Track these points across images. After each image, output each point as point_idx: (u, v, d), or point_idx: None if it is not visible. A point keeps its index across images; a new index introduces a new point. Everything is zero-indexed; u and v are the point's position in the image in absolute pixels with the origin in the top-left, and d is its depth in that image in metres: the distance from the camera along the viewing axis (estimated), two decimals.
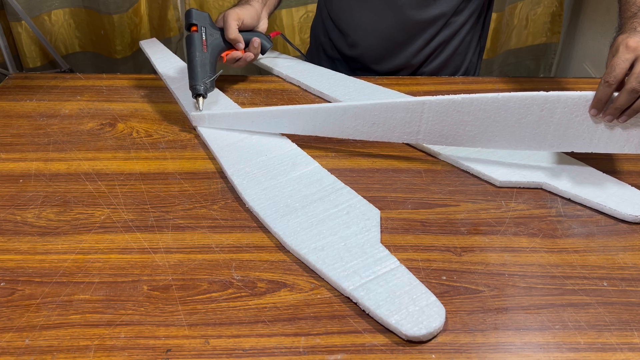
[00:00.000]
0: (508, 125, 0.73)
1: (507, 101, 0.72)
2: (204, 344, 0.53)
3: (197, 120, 0.85)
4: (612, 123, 0.70)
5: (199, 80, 0.82)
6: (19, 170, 0.77)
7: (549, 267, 0.62)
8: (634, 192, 0.72)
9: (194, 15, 0.87)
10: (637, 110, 0.67)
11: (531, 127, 0.73)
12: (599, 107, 0.69)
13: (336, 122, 0.79)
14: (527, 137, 0.74)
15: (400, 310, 0.55)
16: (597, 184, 0.73)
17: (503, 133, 0.74)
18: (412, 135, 0.77)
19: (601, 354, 0.53)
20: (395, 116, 0.76)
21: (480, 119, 0.73)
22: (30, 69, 1.86)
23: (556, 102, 0.70)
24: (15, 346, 0.53)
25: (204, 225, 0.67)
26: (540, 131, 0.73)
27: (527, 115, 0.72)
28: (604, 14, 1.77)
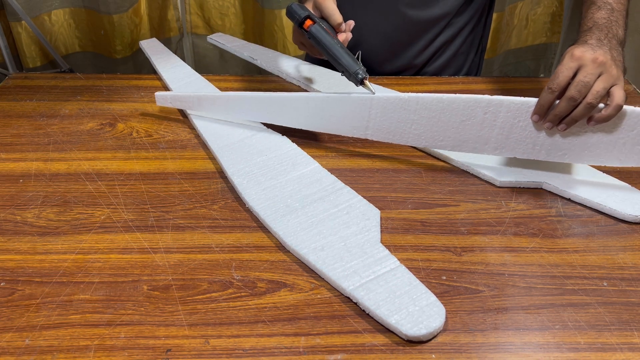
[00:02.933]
0: (452, 126, 0.74)
1: (452, 102, 0.73)
2: (204, 344, 0.53)
3: (160, 100, 0.88)
4: (552, 131, 0.70)
5: (358, 65, 0.76)
6: (19, 170, 0.77)
7: (549, 267, 0.62)
8: (634, 192, 0.72)
9: (300, 8, 0.81)
10: (575, 119, 0.68)
11: (475, 130, 0.73)
12: (540, 113, 0.69)
13: (289, 111, 0.81)
14: (471, 139, 0.74)
15: (401, 310, 0.55)
16: (597, 184, 0.73)
17: (447, 133, 0.75)
18: (361, 130, 0.78)
19: (601, 354, 0.53)
20: (345, 109, 0.77)
21: (425, 118, 0.75)
22: (30, 69, 1.86)
23: (499, 106, 0.71)
24: (15, 346, 0.53)
25: (204, 225, 0.67)
26: (484, 134, 0.73)
27: (471, 117, 0.73)
28: None
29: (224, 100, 0.84)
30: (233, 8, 1.88)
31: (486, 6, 1.07)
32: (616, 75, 0.68)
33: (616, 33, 0.74)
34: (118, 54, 1.91)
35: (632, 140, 0.69)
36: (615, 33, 0.74)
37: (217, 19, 1.87)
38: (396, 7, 0.99)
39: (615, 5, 0.77)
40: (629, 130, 0.68)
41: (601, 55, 0.67)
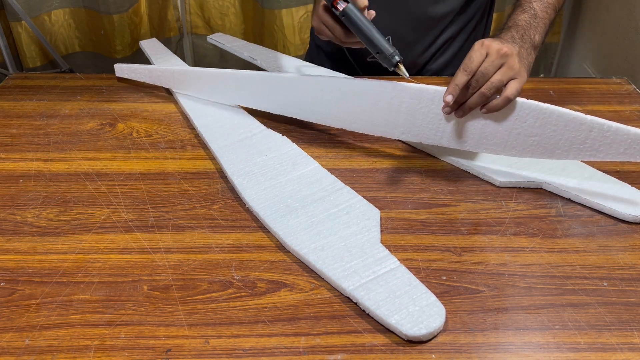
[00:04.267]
0: (364, 109, 0.77)
1: (362, 85, 0.76)
2: (204, 344, 0.53)
3: (119, 71, 0.98)
4: (452, 118, 0.72)
5: (392, 48, 0.74)
6: (19, 170, 0.77)
7: (549, 267, 0.62)
8: (634, 192, 0.72)
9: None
10: (469, 106, 0.69)
11: (384, 114, 0.76)
12: (454, 93, 0.68)
13: (229, 86, 0.86)
14: (381, 123, 0.77)
15: (401, 310, 0.55)
16: (597, 184, 0.73)
17: (361, 116, 0.78)
18: (293, 108, 0.83)
19: (601, 354, 0.53)
20: (273, 88, 0.82)
21: (339, 99, 0.78)
22: (30, 69, 1.86)
23: (402, 92, 0.73)
24: (15, 346, 0.53)
25: (204, 225, 0.67)
26: (392, 119, 0.76)
27: (379, 102, 0.75)
28: (604, 14, 1.77)
29: (184, 75, 0.89)
30: (233, 8, 1.88)
31: (488, 4, 1.07)
32: (517, 69, 0.69)
33: (532, 37, 0.76)
34: (118, 54, 1.91)
35: (525, 132, 0.69)
36: (531, 36, 0.76)
37: (217, 19, 1.87)
38: (401, 3, 0.99)
39: (539, 13, 0.80)
40: (521, 121, 0.69)
41: (506, 48, 0.69)
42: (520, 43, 0.73)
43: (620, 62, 1.64)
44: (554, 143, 0.69)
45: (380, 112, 0.76)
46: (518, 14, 0.80)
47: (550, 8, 0.83)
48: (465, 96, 0.69)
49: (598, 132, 0.66)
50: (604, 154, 0.67)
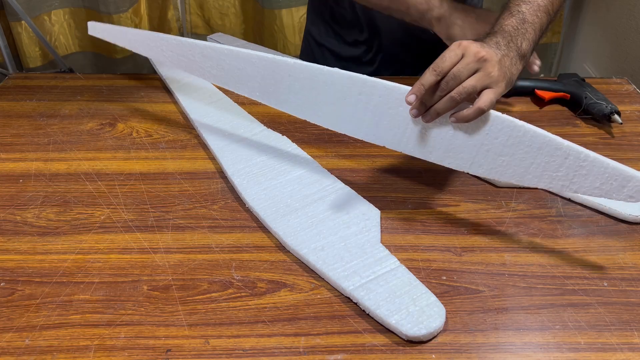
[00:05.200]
0: (331, 102, 0.71)
1: (331, 76, 0.69)
2: (204, 344, 0.53)
3: (92, 29, 0.98)
4: (419, 124, 0.65)
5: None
6: (19, 170, 0.77)
7: (549, 267, 0.62)
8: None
9: None
10: (437, 111, 0.63)
11: (350, 109, 0.70)
12: (418, 93, 0.62)
13: (188, 58, 0.82)
14: (346, 119, 0.70)
15: (401, 310, 0.55)
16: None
17: (326, 109, 0.71)
18: (252, 91, 0.77)
19: (601, 354, 0.53)
20: (240, 66, 0.77)
21: (307, 88, 0.71)
22: (30, 69, 1.86)
23: (373, 88, 0.67)
24: (15, 346, 0.53)
25: (204, 225, 0.67)
26: (358, 116, 0.69)
27: (347, 96, 0.69)
28: (604, 14, 1.77)
29: (142, 36, 0.88)
30: (233, 8, 1.88)
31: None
32: (494, 77, 0.62)
33: (519, 44, 0.67)
34: (118, 54, 1.91)
35: (495, 149, 0.62)
36: (517, 44, 0.67)
37: (217, 19, 1.87)
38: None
39: (529, 17, 0.70)
40: (492, 137, 0.62)
41: (486, 52, 0.62)
42: (505, 50, 0.65)
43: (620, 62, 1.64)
44: (525, 166, 0.62)
45: (346, 108, 0.69)
46: (505, 19, 0.70)
47: (541, 11, 0.73)
48: (432, 99, 0.63)
49: (574, 161, 0.60)
50: (577, 185, 0.60)
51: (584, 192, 0.60)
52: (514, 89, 0.94)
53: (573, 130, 0.87)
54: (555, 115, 0.91)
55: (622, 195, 0.58)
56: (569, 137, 0.84)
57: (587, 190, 0.60)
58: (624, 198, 0.58)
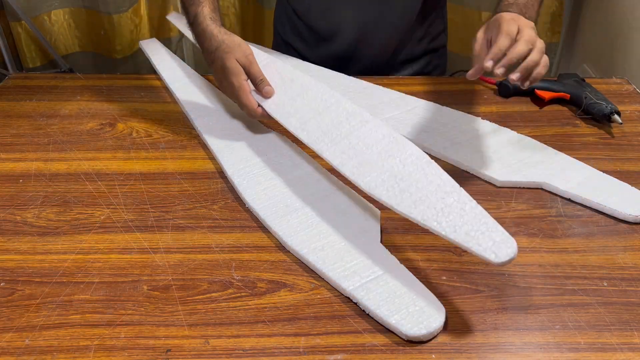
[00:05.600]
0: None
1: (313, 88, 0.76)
2: (204, 344, 0.53)
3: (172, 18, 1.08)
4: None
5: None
6: (19, 170, 0.77)
7: (549, 267, 0.62)
8: (634, 192, 0.72)
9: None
10: (532, 62, 0.67)
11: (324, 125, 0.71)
12: (495, 57, 0.67)
13: None
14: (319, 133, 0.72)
15: (401, 311, 0.55)
16: (597, 184, 0.73)
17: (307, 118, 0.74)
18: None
19: (601, 354, 0.53)
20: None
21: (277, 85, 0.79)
22: (30, 69, 1.86)
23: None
24: (15, 346, 0.53)
25: (204, 225, 0.67)
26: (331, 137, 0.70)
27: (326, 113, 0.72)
28: (604, 14, 1.77)
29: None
30: (233, 8, 1.88)
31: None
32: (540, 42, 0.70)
33: (531, 15, 0.76)
34: (118, 54, 1.90)
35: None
36: (530, 15, 0.76)
37: None
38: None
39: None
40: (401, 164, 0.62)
41: (530, 24, 0.71)
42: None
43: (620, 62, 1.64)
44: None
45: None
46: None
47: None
48: (523, 52, 0.67)
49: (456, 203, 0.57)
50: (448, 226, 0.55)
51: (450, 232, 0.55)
52: (513, 89, 0.95)
53: (573, 130, 0.87)
54: (555, 115, 0.91)
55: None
56: (569, 137, 0.85)
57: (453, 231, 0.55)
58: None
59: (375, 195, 0.60)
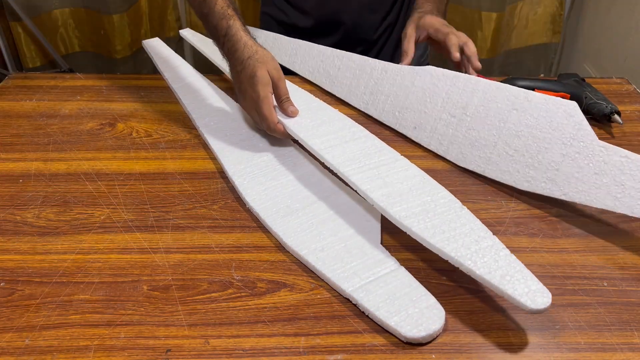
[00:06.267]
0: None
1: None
2: (204, 344, 0.53)
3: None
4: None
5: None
6: (18, 170, 0.77)
7: (549, 267, 0.62)
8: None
9: None
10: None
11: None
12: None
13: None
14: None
15: (400, 312, 0.55)
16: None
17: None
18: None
19: (601, 354, 0.53)
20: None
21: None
22: (30, 69, 1.86)
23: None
24: (15, 346, 0.53)
25: (204, 225, 0.67)
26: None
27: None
28: (604, 14, 1.77)
29: None
30: None
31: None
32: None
33: (443, 9, 1.01)
34: (118, 54, 1.91)
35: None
36: (443, 9, 1.01)
37: None
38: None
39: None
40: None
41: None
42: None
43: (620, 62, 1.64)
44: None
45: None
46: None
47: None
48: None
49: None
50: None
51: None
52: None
53: None
54: None
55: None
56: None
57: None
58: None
59: (406, 225, 0.59)
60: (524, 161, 0.71)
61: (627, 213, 0.63)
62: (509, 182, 0.72)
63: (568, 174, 0.67)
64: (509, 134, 0.73)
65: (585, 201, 0.66)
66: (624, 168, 0.64)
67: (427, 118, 0.81)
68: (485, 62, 1.93)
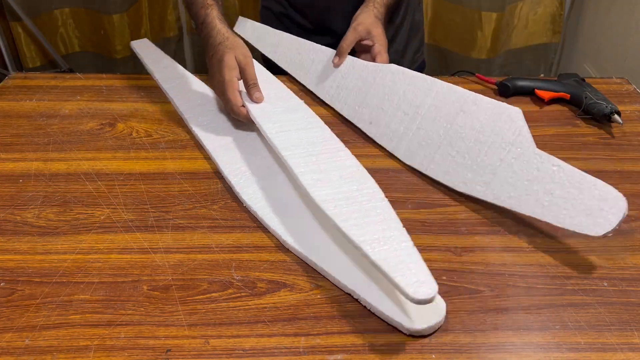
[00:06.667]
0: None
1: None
2: (204, 344, 0.53)
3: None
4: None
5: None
6: (18, 170, 0.77)
7: (549, 267, 0.62)
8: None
9: None
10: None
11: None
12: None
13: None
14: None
15: (402, 306, 0.55)
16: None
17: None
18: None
19: (601, 354, 0.53)
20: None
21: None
22: (30, 68, 1.86)
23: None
24: (15, 346, 0.53)
25: (204, 225, 0.67)
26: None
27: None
28: (604, 14, 1.77)
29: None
30: (233, 8, 1.89)
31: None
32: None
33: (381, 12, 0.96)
34: (118, 54, 1.91)
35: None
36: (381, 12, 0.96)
37: None
38: None
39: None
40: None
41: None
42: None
43: (620, 62, 1.64)
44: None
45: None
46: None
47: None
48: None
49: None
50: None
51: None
52: (513, 89, 0.95)
53: (573, 130, 0.87)
54: (555, 115, 0.91)
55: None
56: (569, 137, 0.85)
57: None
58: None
59: (322, 207, 0.60)
60: (463, 163, 0.71)
61: (552, 222, 0.63)
62: (448, 183, 0.72)
63: (503, 179, 0.67)
64: (454, 136, 0.73)
65: (515, 207, 0.66)
66: (554, 177, 0.64)
67: (383, 114, 0.82)
68: (485, 62, 1.94)
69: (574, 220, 0.61)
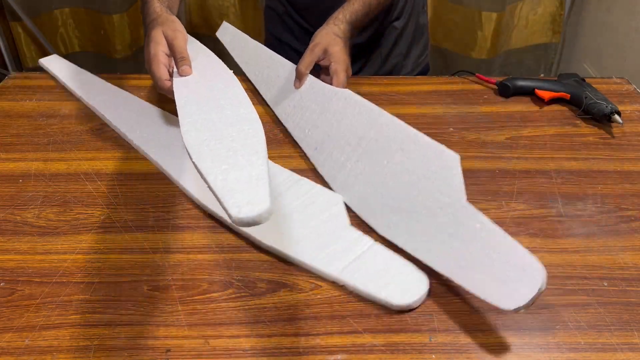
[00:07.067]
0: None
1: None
2: (204, 344, 0.53)
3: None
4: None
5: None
6: (18, 170, 0.77)
7: (549, 267, 0.62)
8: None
9: None
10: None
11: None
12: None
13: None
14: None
15: (388, 284, 0.57)
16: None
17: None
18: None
19: (601, 354, 0.53)
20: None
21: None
22: (30, 68, 1.86)
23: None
24: (15, 346, 0.53)
25: (203, 225, 0.67)
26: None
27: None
28: (604, 14, 1.77)
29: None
30: (233, 8, 1.88)
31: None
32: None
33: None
34: (118, 54, 1.91)
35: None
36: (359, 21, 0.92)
37: (217, 19, 1.87)
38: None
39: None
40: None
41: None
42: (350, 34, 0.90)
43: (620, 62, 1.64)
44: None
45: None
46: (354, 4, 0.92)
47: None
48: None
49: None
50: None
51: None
52: (514, 89, 0.95)
53: (573, 130, 0.87)
54: (555, 115, 0.91)
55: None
56: (569, 137, 0.85)
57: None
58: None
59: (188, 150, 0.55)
60: (390, 205, 0.65)
61: (466, 288, 0.56)
62: (372, 225, 0.66)
63: (425, 229, 0.61)
64: (388, 174, 0.66)
65: (434, 264, 0.59)
66: (476, 235, 0.57)
67: (328, 141, 0.76)
68: (485, 62, 1.94)
69: (487, 288, 0.54)
